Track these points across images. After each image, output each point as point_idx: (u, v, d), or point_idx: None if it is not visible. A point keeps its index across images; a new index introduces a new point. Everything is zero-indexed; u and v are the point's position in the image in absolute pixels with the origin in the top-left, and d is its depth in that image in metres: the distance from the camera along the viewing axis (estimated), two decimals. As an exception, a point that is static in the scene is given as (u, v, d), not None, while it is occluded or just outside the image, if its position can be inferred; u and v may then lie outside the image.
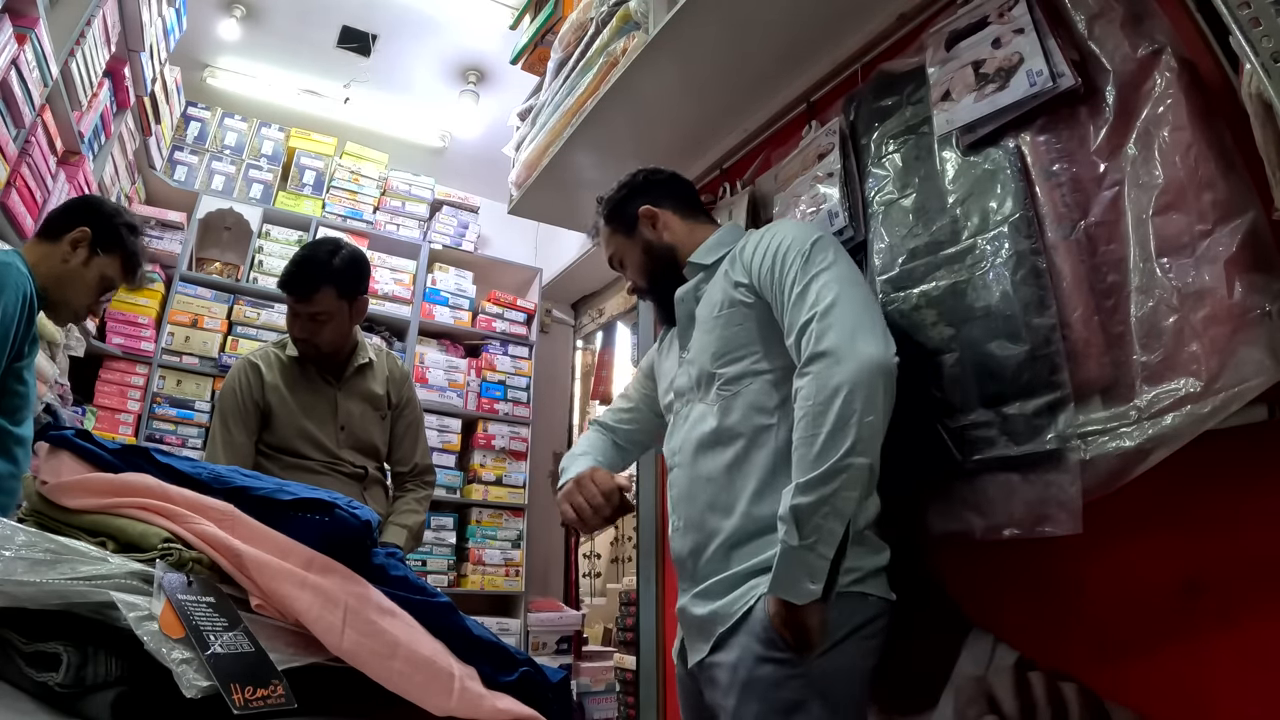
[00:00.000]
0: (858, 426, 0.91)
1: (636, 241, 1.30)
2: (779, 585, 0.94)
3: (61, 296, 1.52)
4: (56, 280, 1.49)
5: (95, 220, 1.53)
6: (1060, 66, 1.00)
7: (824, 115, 1.48)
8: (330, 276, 1.73)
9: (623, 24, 1.59)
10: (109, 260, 1.54)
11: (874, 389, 0.92)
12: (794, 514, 0.92)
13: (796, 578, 0.93)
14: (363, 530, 0.71)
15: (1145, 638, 0.91)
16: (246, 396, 1.74)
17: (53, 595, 0.51)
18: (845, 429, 0.91)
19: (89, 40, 2.01)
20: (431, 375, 3.37)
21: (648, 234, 1.29)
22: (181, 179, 3.28)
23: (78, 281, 1.51)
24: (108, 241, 1.53)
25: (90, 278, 1.52)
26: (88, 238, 1.51)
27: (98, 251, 1.52)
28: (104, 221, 1.54)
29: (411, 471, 1.94)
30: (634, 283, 1.35)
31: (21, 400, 1.42)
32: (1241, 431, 0.82)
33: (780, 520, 0.95)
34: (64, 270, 1.49)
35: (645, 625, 1.81)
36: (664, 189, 1.34)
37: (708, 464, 1.12)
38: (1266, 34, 0.59)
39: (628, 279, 1.36)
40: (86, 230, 1.51)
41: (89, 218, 1.53)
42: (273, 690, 0.52)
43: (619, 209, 1.33)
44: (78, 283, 1.51)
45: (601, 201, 1.37)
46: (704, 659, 1.07)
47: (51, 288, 1.49)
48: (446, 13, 3.03)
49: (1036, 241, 0.99)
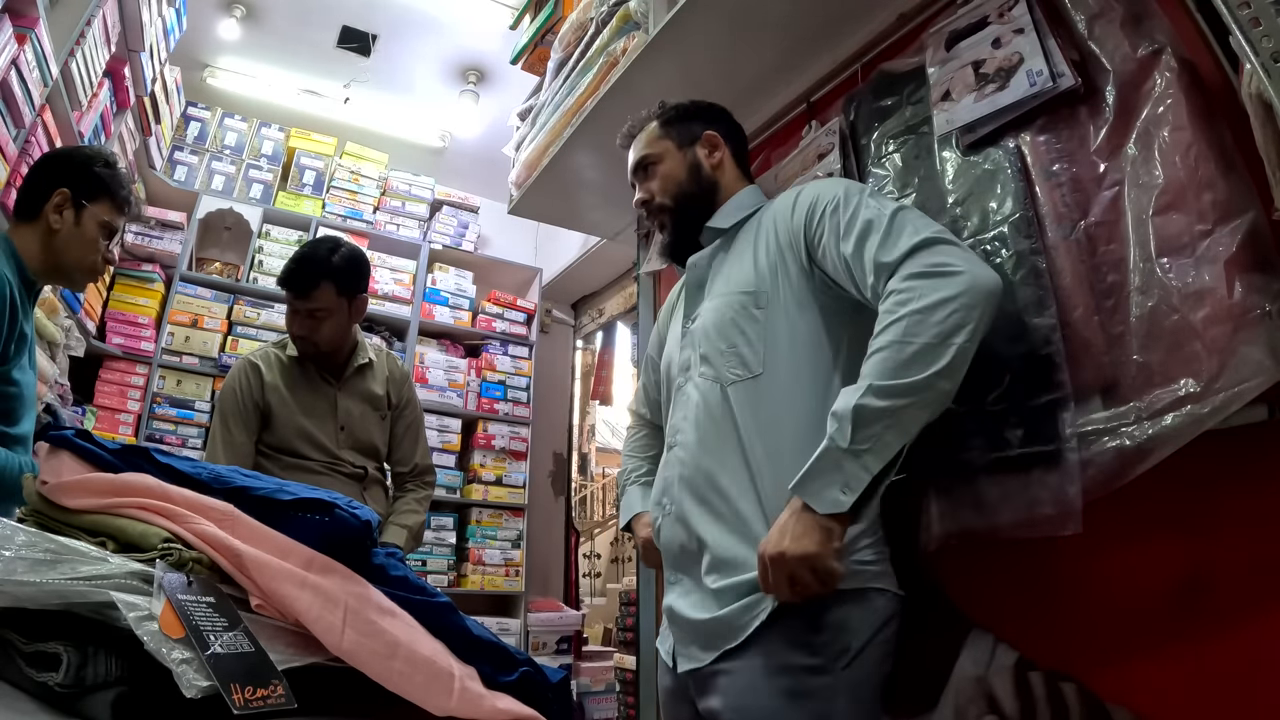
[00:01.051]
0: (957, 348, 0.86)
1: (686, 157, 1.22)
2: (805, 486, 0.87)
3: (68, 262, 1.45)
4: (55, 251, 1.43)
5: (67, 176, 1.44)
6: (1060, 66, 1.00)
7: (824, 115, 1.48)
8: (329, 273, 1.74)
9: (623, 24, 1.59)
10: (99, 207, 1.46)
11: (984, 313, 0.88)
12: (856, 414, 0.85)
13: (830, 482, 0.86)
14: (363, 530, 0.71)
15: (1145, 638, 0.91)
16: (246, 396, 1.74)
17: (53, 595, 0.51)
18: (944, 346, 0.86)
19: (89, 40, 2.01)
20: (431, 375, 3.37)
21: (702, 156, 1.23)
22: (181, 179, 3.28)
23: (77, 243, 1.44)
24: (90, 190, 1.45)
25: (88, 233, 1.45)
26: (68, 198, 1.43)
27: (83, 204, 1.44)
28: (77, 173, 1.45)
29: (411, 472, 1.94)
30: (653, 197, 1.24)
31: (15, 401, 1.37)
32: (1241, 431, 0.82)
33: (833, 417, 0.87)
34: (57, 239, 1.42)
35: (645, 625, 1.81)
36: (733, 131, 1.28)
37: (714, 446, 1.06)
38: (1266, 34, 0.60)
39: (644, 191, 1.25)
40: (65, 191, 1.43)
41: (61, 177, 1.44)
42: (273, 690, 0.52)
43: (684, 118, 1.26)
44: (78, 244, 1.44)
45: (663, 105, 1.29)
46: (702, 668, 1.02)
47: (54, 259, 1.43)
48: (446, 13, 3.03)
49: (1036, 241, 0.99)
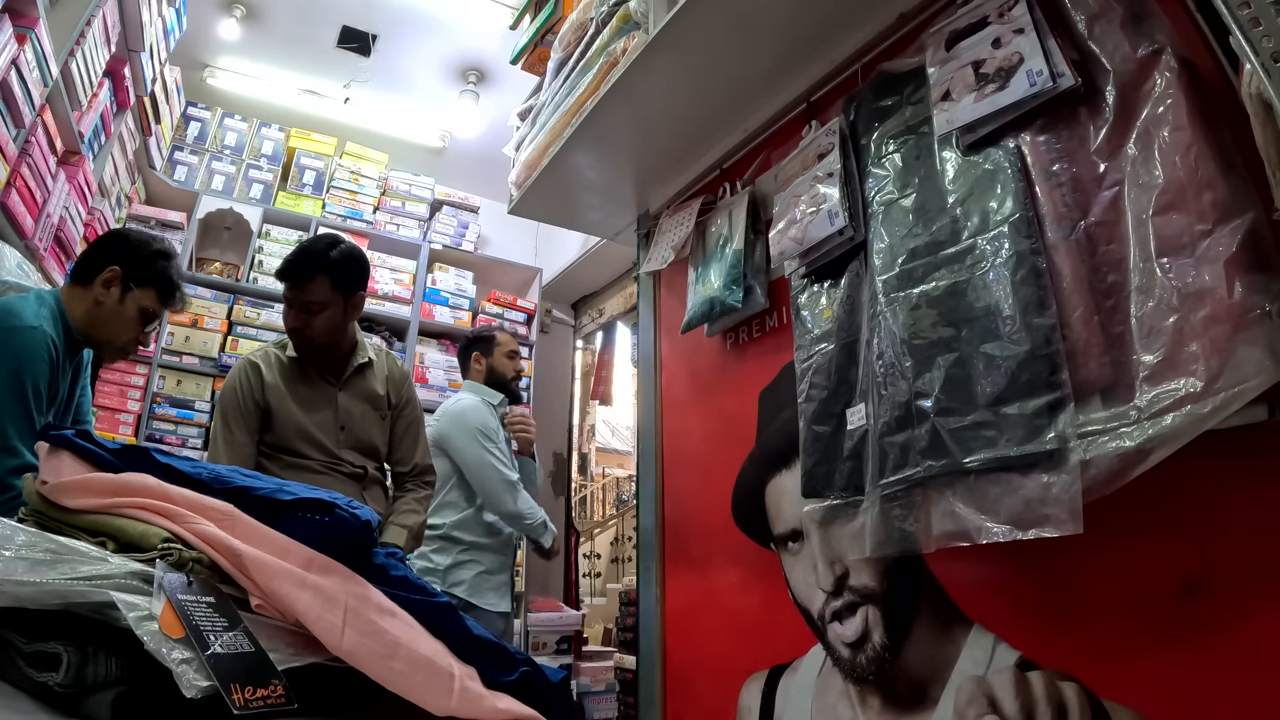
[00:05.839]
0: None
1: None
2: None
3: (103, 337, 1.51)
4: (95, 323, 1.49)
5: (123, 256, 1.51)
6: (1060, 66, 1.00)
7: (824, 115, 1.48)
8: (325, 266, 1.75)
9: (623, 24, 1.58)
10: (144, 293, 1.52)
11: None
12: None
13: None
14: (363, 530, 0.71)
15: (1145, 638, 0.90)
16: (247, 396, 1.75)
17: (53, 595, 0.51)
18: None
19: (89, 40, 2.01)
20: (431, 375, 3.37)
21: None
22: (181, 179, 3.28)
23: (116, 320, 1.50)
24: (140, 275, 1.52)
25: (128, 314, 1.51)
26: (118, 276, 1.49)
27: (130, 286, 1.50)
28: (132, 255, 1.52)
29: (412, 472, 1.94)
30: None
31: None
32: (1241, 431, 0.82)
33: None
34: (100, 312, 1.48)
35: (645, 625, 1.81)
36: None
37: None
38: (1266, 34, 0.59)
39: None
40: (117, 269, 1.49)
41: (117, 255, 1.51)
42: (273, 690, 0.52)
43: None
44: (116, 321, 1.50)
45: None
46: None
47: (92, 330, 1.49)
48: (446, 13, 3.03)
49: (1036, 241, 0.99)
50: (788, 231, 1.37)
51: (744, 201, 1.61)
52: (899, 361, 1.08)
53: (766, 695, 1.40)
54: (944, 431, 1.02)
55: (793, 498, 1.37)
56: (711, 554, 1.61)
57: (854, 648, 1.22)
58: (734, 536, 1.54)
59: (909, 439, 1.04)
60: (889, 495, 1.06)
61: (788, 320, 1.44)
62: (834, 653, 1.27)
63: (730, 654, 1.51)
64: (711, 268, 1.60)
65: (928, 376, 1.05)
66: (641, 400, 1.97)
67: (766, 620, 1.44)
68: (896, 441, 1.06)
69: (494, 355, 2.60)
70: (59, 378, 1.42)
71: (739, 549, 1.52)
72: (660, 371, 1.90)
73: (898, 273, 1.16)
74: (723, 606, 1.57)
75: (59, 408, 1.48)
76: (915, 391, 1.05)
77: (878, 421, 1.10)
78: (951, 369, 1.04)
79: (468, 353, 2.63)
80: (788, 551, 1.40)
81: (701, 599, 1.64)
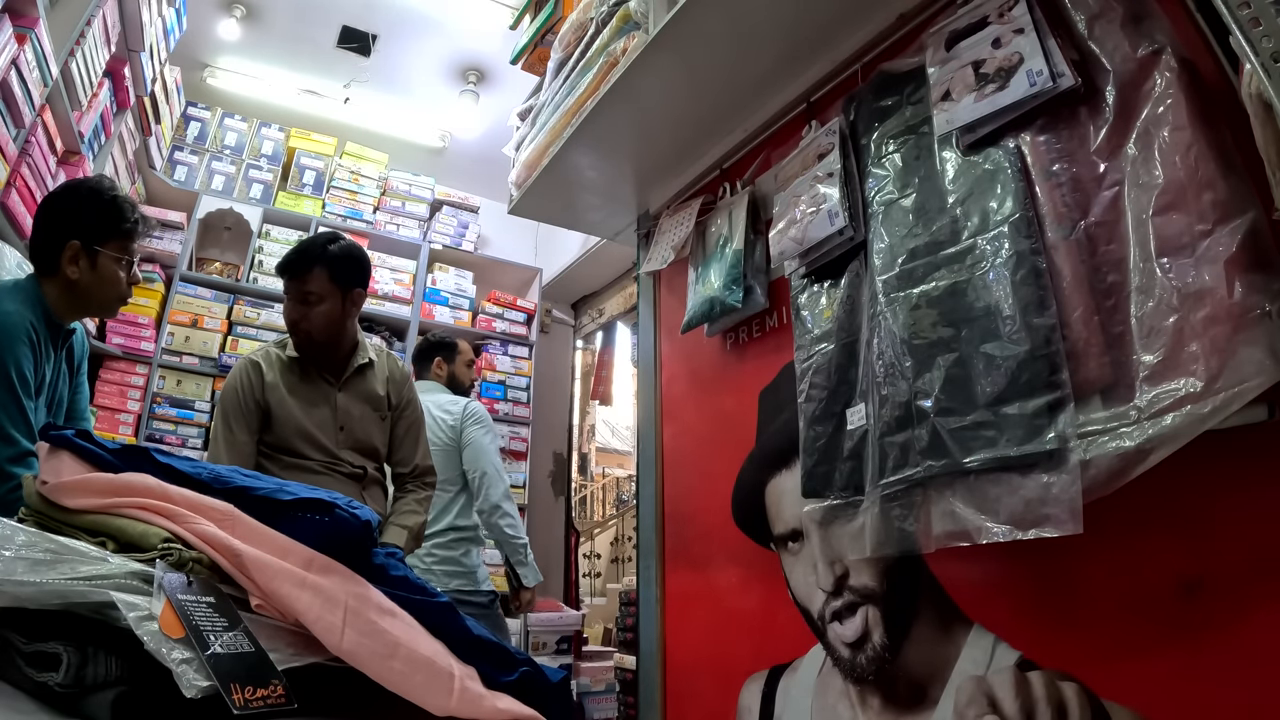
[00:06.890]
0: None
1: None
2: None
3: (96, 303, 1.51)
4: (81, 297, 1.48)
5: (70, 226, 1.48)
6: (1060, 66, 1.00)
7: (824, 115, 1.48)
8: (324, 259, 1.77)
9: (623, 24, 1.58)
10: (110, 247, 1.50)
11: None
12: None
13: None
14: (363, 530, 0.71)
15: (1145, 638, 0.90)
16: (248, 396, 1.75)
17: (53, 595, 0.51)
18: None
19: (89, 40, 2.01)
20: (431, 375, 3.37)
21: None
22: (181, 179, 3.28)
23: (98, 286, 1.49)
24: (97, 234, 1.49)
25: (107, 273, 1.50)
26: (78, 249, 1.47)
27: (95, 250, 1.48)
28: (77, 220, 1.48)
29: (412, 472, 1.94)
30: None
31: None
32: (1241, 431, 0.82)
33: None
34: (79, 288, 1.48)
35: (645, 625, 1.81)
36: None
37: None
38: (1266, 34, 0.59)
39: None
40: (74, 243, 1.46)
41: (64, 229, 1.47)
42: (273, 690, 0.52)
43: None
44: (99, 287, 1.50)
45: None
46: None
47: (81, 304, 1.49)
48: (446, 13, 3.03)
49: (1036, 241, 0.99)
50: (788, 231, 1.37)
51: (744, 201, 1.61)
52: (899, 361, 1.08)
53: (766, 695, 1.40)
54: (944, 431, 1.02)
55: (793, 498, 1.37)
56: (711, 554, 1.61)
57: (854, 648, 1.22)
58: (734, 536, 1.54)
59: (909, 439, 1.04)
60: (889, 495, 1.06)
61: (788, 320, 1.44)
62: (834, 653, 1.27)
63: (730, 654, 1.51)
64: (711, 268, 1.61)
65: (928, 376, 1.05)
66: (641, 400, 1.97)
67: (766, 620, 1.44)
68: (896, 441, 1.06)
69: (455, 363, 2.75)
70: (43, 361, 1.41)
71: (739, 549, 1.52)
72: (660, 371, 1.90)
73: (898, 273, 1.16)
74: (723, 606, 1.57)
75: (54, 402, 1.47)
76: (915, 391, 1.05)
77: (878, 421, 1.10)
78: (951, 369, 1.04)
79: (430, 356, 2.75)
80: (788, 551, 1.40)
81: (702, 599, 1.64)
